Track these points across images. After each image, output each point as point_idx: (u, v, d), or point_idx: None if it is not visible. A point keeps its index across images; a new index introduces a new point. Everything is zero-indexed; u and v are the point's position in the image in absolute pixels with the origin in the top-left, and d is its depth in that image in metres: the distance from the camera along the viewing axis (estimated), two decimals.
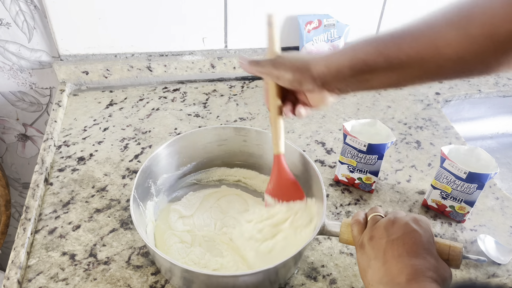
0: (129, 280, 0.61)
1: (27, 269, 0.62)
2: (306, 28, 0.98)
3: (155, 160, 0.66)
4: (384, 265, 0.44)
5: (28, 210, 0.68)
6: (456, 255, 0.48)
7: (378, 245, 0.46)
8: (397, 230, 0.46)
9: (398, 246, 0.45)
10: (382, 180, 0.79)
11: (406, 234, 0.45)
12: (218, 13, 0.95)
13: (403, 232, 0.46)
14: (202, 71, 1.02)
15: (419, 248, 0.44)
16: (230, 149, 0.74)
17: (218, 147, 0.73)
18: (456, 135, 0.91)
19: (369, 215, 0.53)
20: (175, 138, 0.68)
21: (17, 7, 0.86)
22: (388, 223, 0.48)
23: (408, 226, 0.46)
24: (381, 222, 0.49)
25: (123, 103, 0.95)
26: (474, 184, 0.66)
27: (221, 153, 0.74)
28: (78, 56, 0.96)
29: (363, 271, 0.47)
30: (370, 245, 0.47)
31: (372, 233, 0.48)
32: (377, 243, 0.47)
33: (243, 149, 0.74)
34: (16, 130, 1.06)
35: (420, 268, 0.42)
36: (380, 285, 0.43)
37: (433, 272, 0.42)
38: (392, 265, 0.43)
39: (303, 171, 0.66)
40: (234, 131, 0.72)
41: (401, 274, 0.42)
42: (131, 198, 0.58)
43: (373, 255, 0.46)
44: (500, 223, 0.72)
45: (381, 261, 0.45)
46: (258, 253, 0.60)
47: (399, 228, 0.46)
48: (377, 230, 0.48)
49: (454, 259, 0.48)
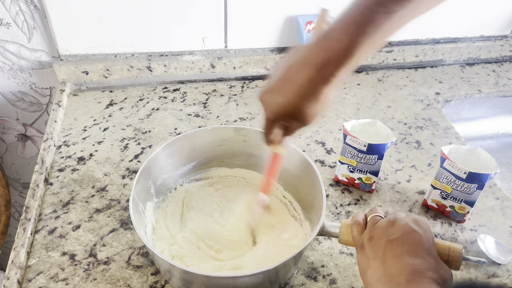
0: (129, 280, 0.61)
1: (27, 269, 0.62)
2: (306, 28, 0.98)
3: (154, 160, 0.66)
4: (383, 265, 0.44)
5: (28, 210, 0.68)
6: (456, 256, 0.48)
7: (378, 245, 0.46)
8: (397, 231, 0.46)
9: (397, 246, 0.45)
10: (382, 180, 0.79)
11: (406, 234, 0.45)
12: (218, 13, 0.95)
13: (403, 232, 0.46)
14: (202, 71, 1.02)
15: (419, 248, 0.44)
16: (230, 149, 0.74)
17: (218, 147, 0.73)
18: (456, 135, 0.91)
19: (368, 216, 0.52)
20: (174, 139, 0.68)
21: (17, 7, 0.86)
22: (388, 223, 0.48)
23: (407, 227, 0.46)
24: (381, 222, 0.49)
25: (123, 103, 0.95)
26: (474, 184, 0.66)
27: (221, 153, 0.74)
28: (78, 56, 0.96)
29: (363, 271, 0.47)
30: (369, 245, 0.47)
31: (372, 233, 0.48)
32: (376, 243, 0.47)
33: (243, 149, 0.73)
34: (16, 130, 1.06)
35: (420, 268, 0.42)
36: (379, 284, 0.43)
37: (432, 272, 0.42)
38: (391, 265, 0.43)
39: (303, 172, 0.66)
40: (234, 131, 0.72)
41: (400, 275, 0.42)
42: (131, 199, 0.58)
43: (373, 255, 0.46)
44: (500, 223, 0.72)
45: (380, 261, 0.45)
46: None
47: (399, 228, 0.46)
48: (376, 230, 0.48)
49: (454, 261, 0.48)
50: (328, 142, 0.87)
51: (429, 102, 1.01)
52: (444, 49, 1.12)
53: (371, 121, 0.73)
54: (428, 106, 1.00)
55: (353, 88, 1.04)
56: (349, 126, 0.72)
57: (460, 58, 1.15)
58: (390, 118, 0.95)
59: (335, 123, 0.93)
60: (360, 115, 0.95)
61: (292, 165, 0.68)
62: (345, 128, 0.71)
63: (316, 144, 0.87)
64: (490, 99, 1.09)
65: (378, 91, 1.04)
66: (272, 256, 0.61)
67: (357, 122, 0.73)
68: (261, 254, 0.62)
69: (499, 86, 1.09)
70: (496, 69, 1.16)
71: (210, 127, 0.72)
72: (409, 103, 1.00)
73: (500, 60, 1.19)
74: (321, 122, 0.92)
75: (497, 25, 1.14)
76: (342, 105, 0.98)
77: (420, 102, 1.01)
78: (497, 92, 1.08)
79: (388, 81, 1.08)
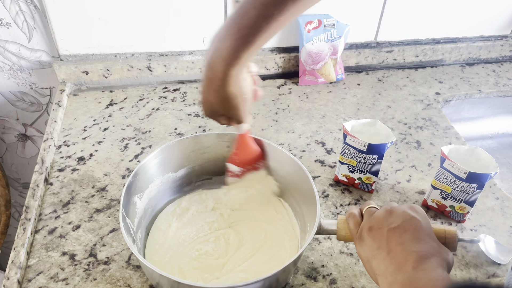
0: (129, 280, 0.61)
1: (27, 269, 0.62)
2: (306, 28, 0.98)
3: (138, 175, 0.63)
4: (389, 254, 0.44)
5: (28, 210, 0.68)
6: (452, 237, 0.51)
7: (380, 235, 0.46)
8: (396, 219, 0.47)
9: (400, 233, 0.45)
10: (382, 180, 0.79)
11: (406, 221, 0.46)
12: (218, 13, 0.95)
13: (402, 219, 0.46)
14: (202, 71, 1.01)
15: (421, 234, 0.45)
16: (214, 156, 0.71)
17: (201, 155, 0.71)
18: (456, 135, 0.91)
19: (363, 208, 0.53)
20: (157, 151, 0.65)
21: (17, 7, 0.86)
22: (385, 213, 0.48)
23: (406, 214, 0.47)
24: (379, 212, 0.49)
25: (123, 103, 0.95)
26: (474, 184, 0.66)
27: (205, 161, 0.72)
28: (78, 56, 0.96)
29: (367, 262, 0.47)
30: (370, 236, 0.47)
31: (371, 223, 0.48)
32: (378, 233, 0.47)
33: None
34: (16, 130, 1.06)
35: (425, 254, 0.42)
36: (387, 273, 0.43)
37: (437, 256, 0.42)
38: (397, 253, 0.43)
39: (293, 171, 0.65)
40: (217, 137, 0.69)
41: (407, 262, 0.42)
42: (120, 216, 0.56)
43: (376, 245, 0.46)
44: (500, 223, 0.72)
45: (385, 251, 0.45)
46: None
47: (398, 216, 0.47)
48: (375, 220, 0.48)
49: (450, 242, 0.50)
50: (328, 142, 0.87)
51: (429, 102, 1.01)
52: (444, 49, 1.12)
53: (371, 121, 0.73)
54: (428, 106, 1.00)
55: (353, 88, 1.04)
56: (349, 126, 0.72)
57: (460, 58, 1.15)
58: (390, 118, 0.95)
59: (335, 123, 0.93)
60: (360, 115, 0.95)
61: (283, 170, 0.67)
62: (345, 128, 0.71)
63: (316, 144, 0.87)
64: (490, 99, 1.09)
65: (378, 91, 1.04)
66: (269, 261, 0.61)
67: (357, 122, 0.73)
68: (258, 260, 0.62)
69: (499, 86, 1.09)
70: (496, 69, 1.16)
71: (191, 136, 0.69)
72: (409, 103, 1.00)
73: (500, 60, 1.19)
74: (321, 122, 0.92)
75: (497, 25, 1.14)
76: (342, 105, 0.98)
77: (420, 102, 1.01)
78: (497, 92, 1.08)
79: (388, 81, 1.08)
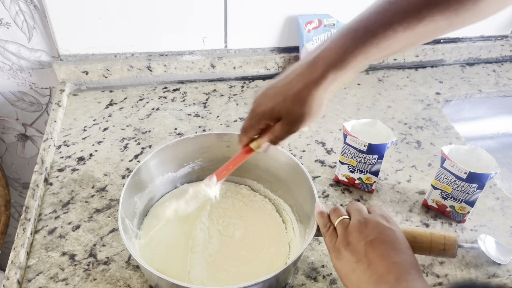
0: (129, 280, 0.61)
1: (27, 269, 0.62)
2: (306, 28, 0.98)
3: (138, 175, 0.63)
4: (369, 267, 0.45)
5: (28, 210, 0.68)
6: (452, 244, 0.50)
7: (358, 249, 0.47)
8: (372, 231, 0.47)
9: (378, 245, 0.46)
10: (382, 180, 0.79)
11: (381, 233, 0.47)
12: (218, 13, 0.95)
13: (378, 231, 0.47)
14: (202, 71, 1.02)
15: (399, 244, 0.46)
16: (214, 156, 0.71)
17: (200, 155, 0.71)
18: (457, 135, 0.91)
19: (334, 220, 0.52)
20: (156, 151, 0.65)
21: (17, 7, 0.86)
22: (360, 225, 0.49)
23: (381, 225, 0.48)
24: (353, 225, 0.49)
25: (123, 103, 0.95)
26: (474, 184, 0.65)
27: (205, 161, 0.72)
28: (78, 56, 0.96)
29: (346, 276, 0.47)
30: (348, 250, 0.48)
31: (348, 239, 0.48)
32: (356, 247, 0.47)
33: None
34: (16, 130, 1.06)
35: (404, 264, 0.44)
36: (368, 285, 0.44)
37: (415, 267, 0.44)
38: (377, 265, 0.44)
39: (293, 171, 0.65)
40: (217, 137, 0.69)
41: (389, 273, 0.43)
42: (119, 217, 0.56)
43: (355, 259, 0.46)
44: (501, 223, 0.72)
45: (365, 264, 0.45)
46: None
47: (373, 228, 0.48)
48: (351, 235, 0.48)
49: (450, 249, 0.50)
50: (328, 142, 0.87)
51: (429, 102, 1.01)
52: (444, 49, 1.12)
53: (371, 121, 0.73)
54: (428, 106, 1.00)
55: (353, 88, 1.04)
56: (349, 126, 0.72)
57: (461, 58, 1.15)
58: (390, 118, 0.95)
59: (335, 123, 0.93)
60: (360, 115, 0.95)
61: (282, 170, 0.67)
62: (345, 128, 0.71)
63: (316, 144, 0.87)
64: (490, 99, 1.09)
65: (378, 91, 1.04)
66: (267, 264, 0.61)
67: (357, 122, 0.73)
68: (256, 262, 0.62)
69: (499, 86, 1.09)
70: (497, 69, 1.16)
71: (192, 136, 0.68)
72: (409, 103, 1.00)
73: (501, 60, 1.19)
74: (321, 122, 0.92)
75: (497, 25, 1.14)
76: (342, 105, 0.98)
77: (420, 102, 1.01)
78: (497, 92, 1.08)
79: (388, 81, 1.08)
